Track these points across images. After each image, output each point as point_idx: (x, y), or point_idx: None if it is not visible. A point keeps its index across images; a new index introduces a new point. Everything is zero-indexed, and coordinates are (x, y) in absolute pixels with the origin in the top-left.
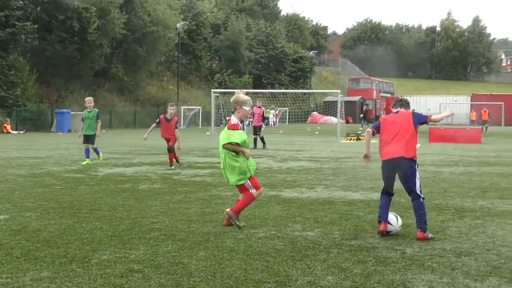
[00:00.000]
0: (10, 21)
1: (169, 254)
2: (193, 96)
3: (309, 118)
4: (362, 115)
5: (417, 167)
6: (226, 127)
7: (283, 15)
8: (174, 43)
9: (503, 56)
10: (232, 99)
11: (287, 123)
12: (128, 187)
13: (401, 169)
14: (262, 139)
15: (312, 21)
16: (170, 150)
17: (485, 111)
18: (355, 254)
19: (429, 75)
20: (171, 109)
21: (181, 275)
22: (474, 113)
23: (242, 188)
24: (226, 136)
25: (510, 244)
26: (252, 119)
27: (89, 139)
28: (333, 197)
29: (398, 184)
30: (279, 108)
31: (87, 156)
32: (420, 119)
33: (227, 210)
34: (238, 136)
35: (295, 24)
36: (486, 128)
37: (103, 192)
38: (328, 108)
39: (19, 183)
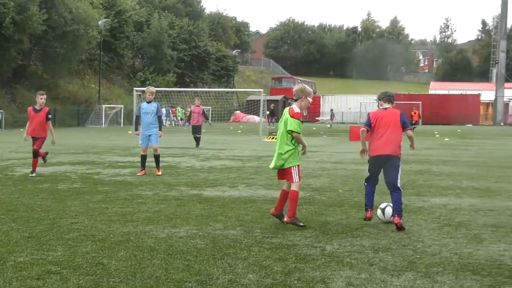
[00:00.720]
0: None
1: (88, 255)
2: (115, 95)
3: (232, 117)
4: (268, 113)
5: (400, 163)
6: (288, 113)
7: (206, 13)
8: (96, 41)
9: (420, 57)
10: (297, 88)
11: (210, 121)
12: (47, 187)
13: (388, 164)
14: (198, 138)
15: (235, 18)
16: (35, 155)
17: (415, 112)
18: (276, 252)
19: (350, 75)
20: (41, 98)
21: (100, 276)
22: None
23: (286, 172)
24: (290, 123)
25: (425, 240)
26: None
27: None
28: (255, 196)
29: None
30: (202, 107)
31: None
32: (405, 124)
33: (285, 219)
34: (295, 126)
35: (219, 22)
36: (413, 128)
37: (20, 193)
38: (251, 107)
39: None
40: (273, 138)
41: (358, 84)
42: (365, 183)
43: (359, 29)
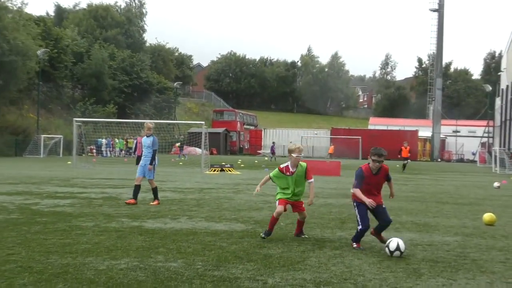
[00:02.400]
0: None
1: (25, 287)
2: (54, 125)
3: (173, 149)
4: (178, 145)
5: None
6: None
7: (148, 45)
8: (34, 71)
9: (360, 92)
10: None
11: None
12: None
13: None
14: None
15: (177, 49)
16: None
17: (406, 148)
18: (217, 285)
19: (291, 109)
20: None
21: None
22: (332, 146)
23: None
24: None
25: (366, 274)
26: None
27: None
28: (197, 228)
29: None
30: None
31: None
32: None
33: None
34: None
35: (159, 55)
36: (405, 166)
37: None
38: (193, 139)
39: None
40: (214, 170)
41: (299, 118)
42: None
43: (299, 64)
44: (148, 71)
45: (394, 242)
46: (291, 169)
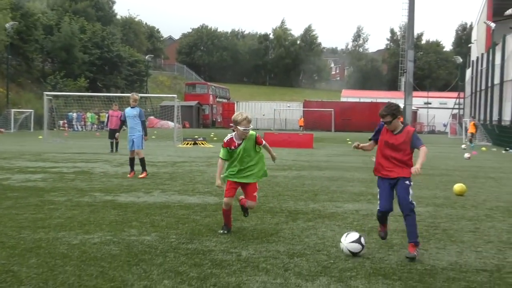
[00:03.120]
0: None
1: None
2: (24, 99)
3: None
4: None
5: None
6: None
7: (118, 18)
8: (3, 44)
9: (332, 65)
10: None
11: (123, 127)
12: None
13: None
14: (115, 143)
15: (146, 24)
16: None
17: (472, 123)
18: (191, 257)
19: (264, 82)
20: None
21: (10, 284)
22: (302, 118)
23: None
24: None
25: (339, 245)
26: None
27: None
28: (170, 201)
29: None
30: (120, 112)
31: None
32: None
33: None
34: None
35: (130, 27)
36: (471, 140)
37: None
38: (165, 113)
39: None
40: (187, 144)
41: (271, 90)
42: None
43: (271, 36)
44: (119, 44)
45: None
46: (236, 142)
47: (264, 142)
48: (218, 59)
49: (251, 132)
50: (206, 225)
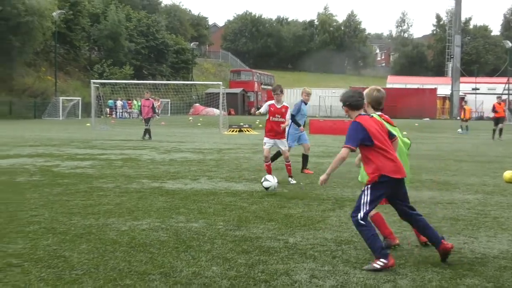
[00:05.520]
0: None
1: (49, 248)
2: (72, 87)
3: (191, 110)
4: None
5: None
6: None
7: (163, 6)
8: (51, 32)
9: (377, 51)
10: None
11: (169, 114)
12: (5, 180)
13: None
14: (149, 131)
15: (190, 11)
16: None
17: (500, 104)
18: (239, 244)
19: (308, 68)
20: None
21: (62, 269)
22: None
23: None
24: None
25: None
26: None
27: None
28: (217, 188)
29: None
30: (161, 100)
31: None
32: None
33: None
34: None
35: (175, 15)
36: (501, 130)
37: None
38: (210, 100)
39: None
40: (233, 131)
41: (316, 77)
42: None
43: (316, 22)
44: (164, 32)
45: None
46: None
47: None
48: (263, 45)
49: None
50: (253, 212)
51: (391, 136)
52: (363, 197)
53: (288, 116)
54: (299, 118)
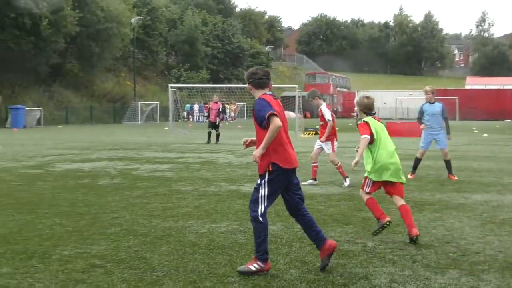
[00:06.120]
0: None
1: (130, 249)
2: (150, 92)
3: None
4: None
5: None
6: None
7: (237, 10)
8: (129, 38)
9: (456, 51)
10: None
11: (245, 118)
12: (87, 183)
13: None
14: (218, 134)
15: (266, 12)
16: None
17: None
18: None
19: (384, 70)
20: None
21: (143, 270)
22: None
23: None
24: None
25: (468, 237)
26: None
27: None
28: None
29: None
30: (237, 103)
31: None
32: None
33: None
34: None
35: (250, 19)
36: None
37: (62, 188)
38: (286, 103)
39: None
40: (309, 134)
41: (392, 79)
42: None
43: (392, 24)
44: (239, 36)
45: None
46: None
47: None
48: (337, 48)
49: None
50: (330, 215)
51: None
52: (260, 190)
53: (328, 117)
54: (427, 119)
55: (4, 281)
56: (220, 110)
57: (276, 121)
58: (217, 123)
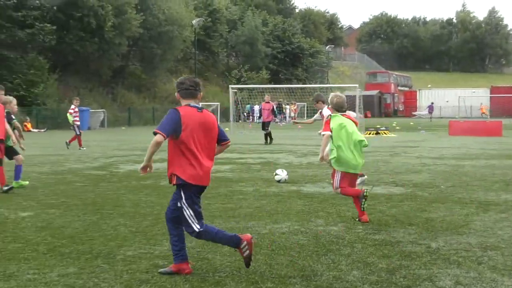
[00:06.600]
0: (27, 20)
1: (193, 250)
2: (211, 93)
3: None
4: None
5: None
6: (352, 122)
7: (297, 10)
8: (190, 40)
9: None
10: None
11: (305, 118)
12: (150, 184)
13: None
14: (269, 134)
15: (328, 12)
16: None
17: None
18: (379, 248)
19: (447, 68)
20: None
21: (206, 271)
22: (484, 106)
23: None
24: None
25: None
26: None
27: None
28: None
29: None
30: (297, 103)
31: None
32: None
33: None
34: None
35: (310, 19)
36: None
37: (125, 189)
38: (346, 103)
39: (41, 181)
40: (370, 133)
41: (455, 77)
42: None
43: (455, 21)
44: (299, 36)
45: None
46: None
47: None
48: (399, 46)
49: None
50: (392, 216)
51: (223, 140)
52: (184, 212)
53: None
54: None
55: (71, 280)
56: (273, 109)
57: (158, 138)
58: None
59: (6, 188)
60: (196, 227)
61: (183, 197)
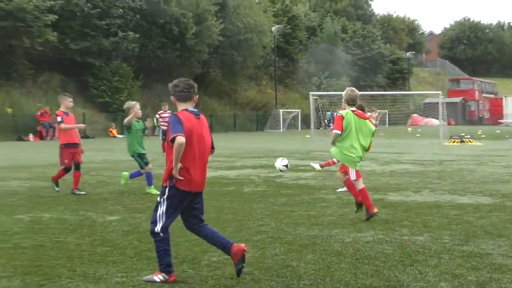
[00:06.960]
0: (111, 29)
1: (277, 257)
2: (291, 99)
3: (409, 120)
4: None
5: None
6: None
7: (376, 16)
8: (270, 46)
9: None
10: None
11: (387, 125)
12: (233, 190)
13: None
14: None
15: (409, 17)
16: (77, 167)
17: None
18: (467, 260)
19: None
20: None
21: (290, 278)
22: None
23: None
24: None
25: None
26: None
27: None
28: (440, 201)
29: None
30: (378, 111)
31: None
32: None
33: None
34: None
35: (389, 24)
36: None
37: (208, 195)
38: (429, 110)
39: (127, 185)
40: (454, 141)
41: None
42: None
43: None
44: (379, 42)
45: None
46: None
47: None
48: (482, 52)
49: None
50: (480, 227)
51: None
52: (159, 208)
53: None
54: None
55: (158, 284)
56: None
57: (178, 139)
58: None
59: (78, 192)
60: (158, 228)
61: (166, 195)
